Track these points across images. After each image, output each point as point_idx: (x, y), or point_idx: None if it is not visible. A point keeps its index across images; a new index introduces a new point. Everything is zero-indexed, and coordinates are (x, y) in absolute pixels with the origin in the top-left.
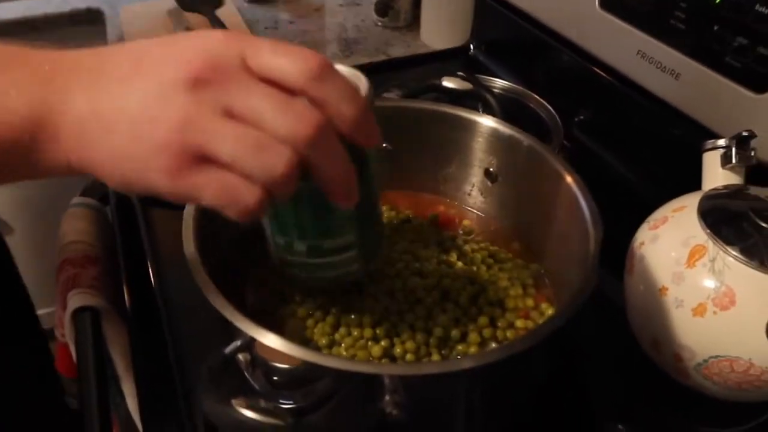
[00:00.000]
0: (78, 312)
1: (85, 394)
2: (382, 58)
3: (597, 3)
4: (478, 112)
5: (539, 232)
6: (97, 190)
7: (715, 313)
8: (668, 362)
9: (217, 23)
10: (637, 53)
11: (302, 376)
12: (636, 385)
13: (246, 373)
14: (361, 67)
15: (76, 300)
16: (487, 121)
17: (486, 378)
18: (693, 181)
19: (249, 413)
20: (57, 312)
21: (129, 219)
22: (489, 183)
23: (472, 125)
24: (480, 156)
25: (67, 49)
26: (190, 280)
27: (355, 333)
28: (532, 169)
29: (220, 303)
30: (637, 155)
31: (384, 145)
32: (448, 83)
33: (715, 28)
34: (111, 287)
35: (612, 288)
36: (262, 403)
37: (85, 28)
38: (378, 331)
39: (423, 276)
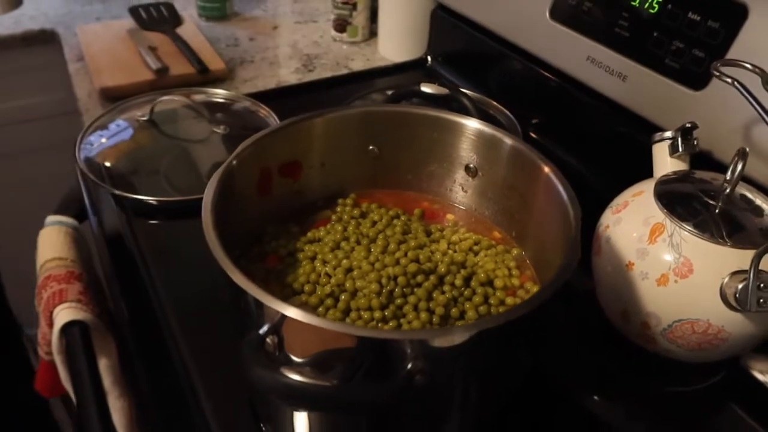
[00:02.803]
0: (67, 326)
1: (83, 406)
2: (344, 71)
3: (547, 13)
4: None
5: (518, 219)
6: (72, 207)
7: (676, 281)
8: (637, 330)
9: (180, 41)
10: (587, 59)
11: (327, 357)
12: (606, 357)
13: (272, 356)
14: (326, 81)
15: (64, 315)
16: (470, 122)
17: (494, 341)
18: (641, 172)
19: (298, 377)
20: (41, 329)
21: (112, 234)
22: (470, 178)
23: (455, 126)
24: (461, 154)
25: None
26: (183, 290)
27: (366, 316)
28: (512, 163)
29: (251, 287)
30: (590, 151)
31: (371, 147)
32: (426, 89)
33: (655, 34)
34: (94, 304)
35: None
36: (309, 370)
37: (39, 49)
38: (387, 313)
39: (420, 263)
